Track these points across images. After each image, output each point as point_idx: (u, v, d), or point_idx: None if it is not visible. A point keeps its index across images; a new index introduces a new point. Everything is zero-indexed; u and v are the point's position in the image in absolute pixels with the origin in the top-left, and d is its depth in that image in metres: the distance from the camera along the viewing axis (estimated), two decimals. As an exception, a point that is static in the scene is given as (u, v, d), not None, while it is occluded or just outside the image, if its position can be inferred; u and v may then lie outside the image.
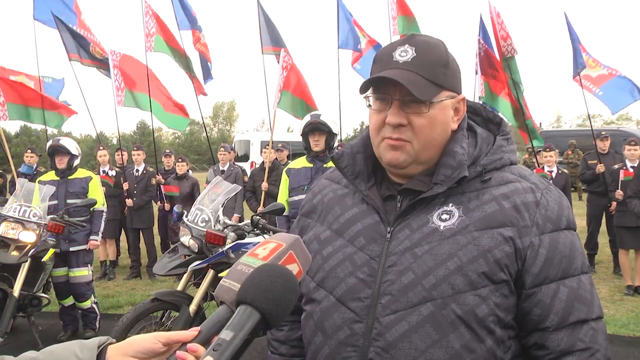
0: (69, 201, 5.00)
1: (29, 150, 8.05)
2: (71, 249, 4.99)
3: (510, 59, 8.02)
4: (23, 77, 8.97)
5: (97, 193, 5.18)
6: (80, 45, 8.43)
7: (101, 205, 5.21)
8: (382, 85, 1.12)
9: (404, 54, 1.11)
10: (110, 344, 0.80)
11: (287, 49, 7.96)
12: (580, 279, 1.09)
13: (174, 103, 8.78)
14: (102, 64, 8.44)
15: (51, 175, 5.18)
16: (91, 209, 5.10)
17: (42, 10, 8.39)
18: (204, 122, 10.92)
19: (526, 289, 1.07)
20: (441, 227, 1.09)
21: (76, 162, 5.18)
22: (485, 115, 1.27)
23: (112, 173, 7.90)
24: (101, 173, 7.78)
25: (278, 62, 7.45)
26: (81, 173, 5.23)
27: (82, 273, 5.07)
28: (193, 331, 0.78)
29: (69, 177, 5.11)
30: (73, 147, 5.13)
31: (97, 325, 5.21)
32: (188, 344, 0.76)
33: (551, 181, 6.07)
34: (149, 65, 8.32)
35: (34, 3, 8.46)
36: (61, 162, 5.07)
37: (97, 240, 5.18)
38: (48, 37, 8.43)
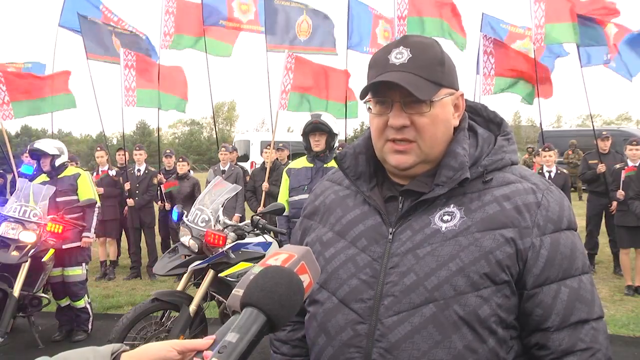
0: (58, 199, 4.96)
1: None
2: (64, 246, 4.91)
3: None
4: (12, 69, 9.03)
5: (87, 189, 5.14)
6: (104, 42, 8.46)
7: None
8: (382, 89, 1.12)
9: (400, 56, 1.11)
10: (124, 351, 0.80)
11: (291, 46, 7.94)
12: (581, 279, 1.09)
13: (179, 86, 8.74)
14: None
15: (43, 178, 5.15)
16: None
17: (68, 17, 8.50)
18: (214, 120, 10.98)
19: (527, 289, 1.07)
20: (443, 229, 1.10)
21: (59, 160, 5.09)
22: (486, 116, 1.27)
23: (112, 172, 7.91)
24: (98, 173, 7.80)
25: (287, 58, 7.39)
26: (70, 171, 5.19)
27: (76, 272, 5.03)
28: (208, 339, 0.78)
29: (58, 177, 5.08)
30: (50, 147, 5.05)
31: (90, 327, 5.16)
32: (204, 352, 0.76)
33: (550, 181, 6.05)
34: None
35: (62, 10, 8.59)
36: (44, 164, 5.06)
37: (89, 237, 5.12)
38: (64, 38, 8.61)
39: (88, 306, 5.18)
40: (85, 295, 5.16)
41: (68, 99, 8.07)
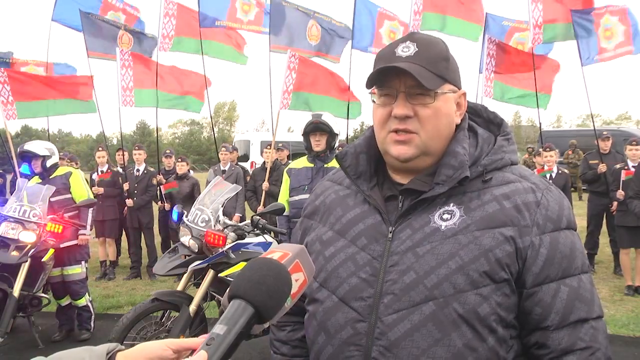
0: (52, 199, 4.92)
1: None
2: (61, 245, 4.88)
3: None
4: (31, 67, 9.00)
5: (79, 187, 5.13)
6: (107, 40, 8.45)
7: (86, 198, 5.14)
8: (387, 79, 1.13)
9: (407, 50, 1.13)
10: (119, 350, 0.80)
11: (298, 48, 7.93)
12: (580, 279, 1.09)
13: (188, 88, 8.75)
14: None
15: (36, 180, 5.12)
16: (77, 202, 5.06)
17: (61, 11, 8.48)
18: (212, 121, 10.96)
19: (527, 288, 1.07)
20: (442, 227, 1.10)
21: (50, 161, 5.07)
22: (486, 116, 1.28)
23: (118, 168, 7.93)
24: (99, 173, 7.80)
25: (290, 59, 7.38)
26: (61, 170, 5.18)
27: (76, 271, 5.03)
28: (203, 338, 0.78)
29: (50, 177, 5.07)
30: (40, 148, 5.04)
31: (92, 325, 5.16)
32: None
33: (550, 181, 6.06)
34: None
35: (55, 5, 8.59)
36: (36, 166, 5.05)
37: (86, 234, 5.11)
38: (62, 34, 8.61)
39: (89, 304, 5.18)
40: (87, 293, 5.17)
41: (89, 105, 8.09)
